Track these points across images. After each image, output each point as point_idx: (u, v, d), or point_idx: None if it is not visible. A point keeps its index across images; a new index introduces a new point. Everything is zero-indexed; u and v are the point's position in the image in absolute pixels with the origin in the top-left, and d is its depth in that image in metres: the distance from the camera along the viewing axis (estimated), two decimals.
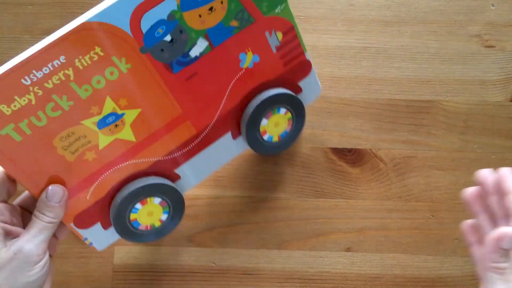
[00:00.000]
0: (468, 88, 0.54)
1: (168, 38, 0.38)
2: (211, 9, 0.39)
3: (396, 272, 0.53)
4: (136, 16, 0.37)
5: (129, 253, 0.52)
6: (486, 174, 0.41)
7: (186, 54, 0.40)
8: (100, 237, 0.45)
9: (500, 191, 0.40)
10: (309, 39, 0.54)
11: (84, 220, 0.43)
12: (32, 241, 0.37)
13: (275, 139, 0.48)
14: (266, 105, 0.45)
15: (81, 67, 0.36)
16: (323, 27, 0.54)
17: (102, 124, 0.40)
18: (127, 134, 0.41)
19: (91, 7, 0.53)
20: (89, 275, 0.52)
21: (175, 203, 0.45)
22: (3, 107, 0.35)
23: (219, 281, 0.53)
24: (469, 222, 0.43)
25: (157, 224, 0.45)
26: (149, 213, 0.44)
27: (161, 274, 0.52)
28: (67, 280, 0.52)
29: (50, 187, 0.39)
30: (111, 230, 0.44)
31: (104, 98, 0.39)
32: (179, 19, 0.38)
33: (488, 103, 0.54)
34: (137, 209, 0.43)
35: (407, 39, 0.54)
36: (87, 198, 0.42)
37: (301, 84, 0.48)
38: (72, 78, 0.36)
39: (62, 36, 0.35)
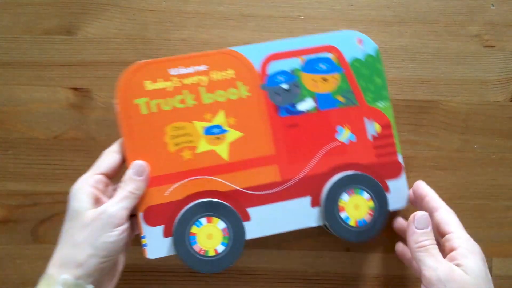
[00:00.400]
0: (468, 88, 0.54)
1: (285, 86, 0.47)
2: (324, 79, 0.47)
3: (396, 272, 0.53)
4: (267, 60, 0.47)
5: (129, 253, 0.52)
6: (410, 192, 0.49)
7: (294, 105, 0.47)
8: (156, 243, 0.46)
9: (419, 198, 0.47)
10: None
11: (153, 215, 0.46)
12: (115, 205, 0.42)
13: (352, 222, 0.47)
14: (351, 179, 0.47)
15: (213, 79, 0.46)
16: (323, 27, 0.54)
17: (208, 131, 0.46)
18: (223, 150, 0.47)
19: (91, 7, 0.53)
20: None
21: (236, 238, 0.46)
22: (147, 82, 0.45)
23: (219, 281, 0.53)
24: (400, 245, 0.51)
25: (211, 253, 0.45)
26: (209, 236, 0.46)
27: (161, 274, 0.52)
28: None
29: (134, 162, 0.44)
30: (169, 241, 0.46)
31: (218, 111, 0.46)
32: (298, 76, 0.47)
33: (488, 103, 0.54)
34: (201, 224, 0.46)
35: (407, 39, 0.54)
36: (166, 194, 0.46)
37: (390, 184, 0.49)
38: (203, 84, 0.46)
39: (210, 52, 0.47)
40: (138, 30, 0.53)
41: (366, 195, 0.47)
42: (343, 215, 0.47)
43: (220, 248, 0.46)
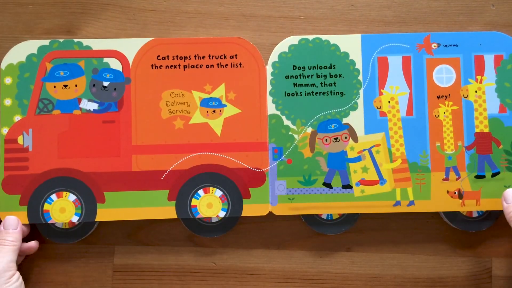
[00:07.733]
0: None
1: None
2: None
3: (396, 272, 0.53)
4: None
5: (129, 253, 0.52)
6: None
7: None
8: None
9: None
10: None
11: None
12: (1, 261, 0.46)
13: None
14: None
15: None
16: (323, 27, 0.54)
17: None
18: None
19: (92, 7, 0.53)
20: (89, 275, 0.52)
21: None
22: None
23: (219, 281, 0.53)
24: None
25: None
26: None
27: (161, 274, 0.52)
28: (67, 280, 0.52)
29: (5, 218, 0.48)
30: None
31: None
32: None
33: None
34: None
35: None
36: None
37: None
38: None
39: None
40: (138, 30, 0.53)
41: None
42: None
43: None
